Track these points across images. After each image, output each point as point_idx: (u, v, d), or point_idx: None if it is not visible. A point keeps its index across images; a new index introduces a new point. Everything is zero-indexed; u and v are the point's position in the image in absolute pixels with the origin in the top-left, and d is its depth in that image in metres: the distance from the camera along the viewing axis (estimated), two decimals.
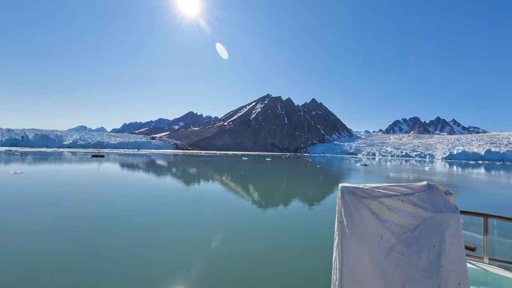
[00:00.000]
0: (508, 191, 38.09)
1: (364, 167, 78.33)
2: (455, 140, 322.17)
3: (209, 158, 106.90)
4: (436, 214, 1.72)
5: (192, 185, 27.90)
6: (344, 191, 1.74)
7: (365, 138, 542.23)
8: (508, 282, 3.89)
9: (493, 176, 61.81)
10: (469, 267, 4.16)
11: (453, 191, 10.76)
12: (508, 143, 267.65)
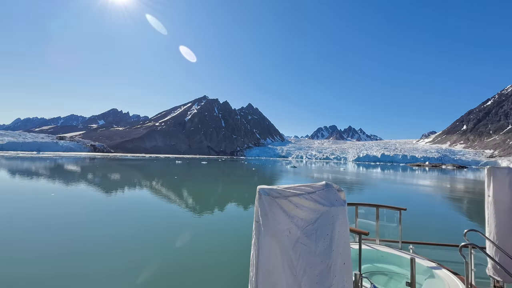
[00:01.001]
0: (393, 185, 49.16)
1: (293, 169, 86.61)
2: (361, 146, 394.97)
3: (136, 162, 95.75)
4: (330, 208, 2.02)
5: (112, 192, 24.50)
6: (261, 192, 1.89)
7: (294, 143, 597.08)
8: (391, 256, 5.06)
9: (385, 174, 78.99)
10: (365, 248, 5.21)
11: (358, 187, 13.24)
12: (395, 148, 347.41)
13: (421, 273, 4.63)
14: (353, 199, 29.74)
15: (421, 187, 47.79)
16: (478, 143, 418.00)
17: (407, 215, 17.55)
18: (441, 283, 4.00)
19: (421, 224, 17.12)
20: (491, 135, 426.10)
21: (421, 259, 4.81)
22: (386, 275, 4.86)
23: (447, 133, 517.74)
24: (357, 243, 3.57)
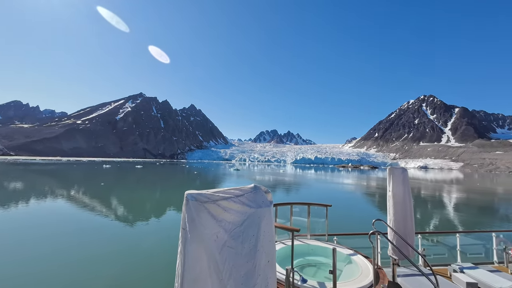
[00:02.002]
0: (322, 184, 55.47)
1: (237, 172, 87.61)
2: (299, 149, 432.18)
3: (47, 167, 79.01)
4: (257, 209, 2.07)
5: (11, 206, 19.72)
6: (188, 198, 1.87)
7: (238, 146, 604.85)
8: (319, 249, 5.63)
9: (317, 175, 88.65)
10: (297, 244, 5.66)
11: (295, 187, 14.25)
12: (326, 152, 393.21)
13: (342, 260, 5.35)
14: (289, 198, 32.19)
15: (343, 186, 55.74)
16: (385, 148, 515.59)
17: (333, 210, 19.95)
18: (356, 267, 4.72)
19: (343, 217, 19.99)
20: (394, 141, 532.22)
21: (342, 248, 5.57)
22: (315, 266, 5.41)
23: (364, 139, 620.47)
24: (291, 239, 3.83)
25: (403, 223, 5.18)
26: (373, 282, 3.97)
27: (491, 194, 49.17)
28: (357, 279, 4.16)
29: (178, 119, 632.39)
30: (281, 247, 5.49)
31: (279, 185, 48.71)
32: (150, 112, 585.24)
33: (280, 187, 45.86)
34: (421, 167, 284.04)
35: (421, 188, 56.31)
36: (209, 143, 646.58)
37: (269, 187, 43.50)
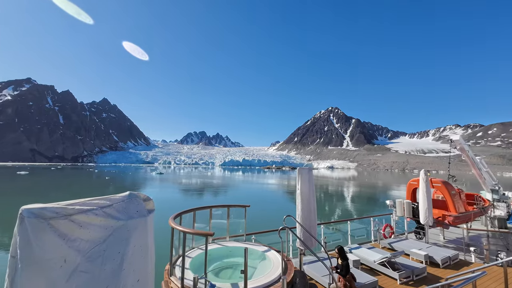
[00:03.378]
0: (246, 185, 58.03)
1: (160, 176, 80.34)
2: (227, 152, 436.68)
3: None
4: (126, 221, 1.80)
5: None
6: (24, 215, 1.47)
7: (162, 147, 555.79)
8: (237, 249, 5.70)
9: (244, 177, 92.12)
10: (215, 247, 5.60)
11: (223, 189, 14.01)
12: (253, 154, 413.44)
13: (257, 258, 5.64)
14: (210, 202, 31.95)
15: (265, 186, 60.11)
16: (302, 151, 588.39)
17: (252, 210, 20.88)
18: (269, 262, 5.08)
19: (263, 215, 21.42)
20: (309, 145, 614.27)
21: (257, 246, 5.89)
22: (231, 268, 5.49)
23: (286, 143, 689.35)
24: (205, 245, 3.70)
25: (308, 217, 5.91)
26: (281, 273, 4.33)
27: (373, 187, 63.54)
28: (269, 274, 4.44)
29: (85, 114, 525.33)
30: (198, 254, 5.30)
31: (205, 188, 47.66)
32: (43, 103, 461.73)
33: (206, 190, 44.98)
34: (329, 167, 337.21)
35: (328, 185, 66.96)
36: (126, 144, 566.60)
37: (194, 191, 41.88)
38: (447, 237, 9.64)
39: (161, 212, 6.04)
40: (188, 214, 5.66)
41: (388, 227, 9.74)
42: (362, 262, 6.92)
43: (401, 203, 9.82)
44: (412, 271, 6.21)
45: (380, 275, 6.38)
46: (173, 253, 4.55)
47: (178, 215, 5.02)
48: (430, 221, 8.41)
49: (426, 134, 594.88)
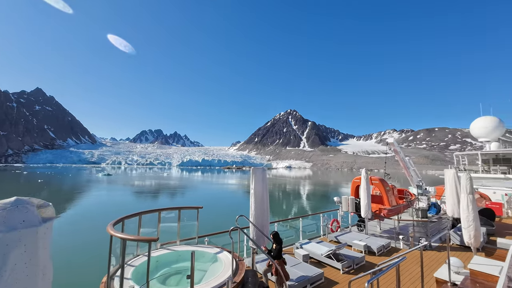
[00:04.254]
0: (205, 186, 56.75)
1: (107, 177, 72.44)
2: (185, 151, 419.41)
3: None
4: (5, 234, 1.54)
5: None
6: None
7: (111, 146, 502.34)
8: (187, 253, 5.45)
9: (204, 177, 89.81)
10: (164, 253, 5.29)
11: (178, 191, 13.11)
12: (213, 154, 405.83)
13: (208, 260, 5.50)
14: (160, 204, 30.22)
15: (223, 186, 59.81)
16: (263, 151, 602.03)
17: (206, 212, 20.51)
18: (220, 264, 5.00)
19: (218, 216, 21.24)
20: (269, 145, 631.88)
21: (210, 248, 5.75)
22: (180, 273, 5.24)
23: (247, 143, 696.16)
24: (148, 252, 3.42)
25: (261, 215, 6.02)
26: (231, 275, 4.29)
27: (325, 185, 68.68)
28: (219, 276, 4.35)
29: (11, 106, 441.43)
30: (143, 261, 4.90)
31: (159, 190, 44.83)
32: None
33: (160, 192, 42.38)
34: (287, 167, 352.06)
35: (286, 184, 69.91)
36: (66, 141, 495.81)
37: (146, 193, 39.03)
38: (383, 228, 10.95)
39: (104, 219, 5.40)
40: (134, 219, 5.20)
41: (335, 222, 10.59)
42: (311, 256, 7.35)
43: (346, 199, 10.79)
44: (353, 260, 6.85)
45: (326, 267, 6.87)
46: (112, 263, 4.11)
47: (120, 221, 4.56)
48: (369, 214, 9.43)
49: (370, 137, 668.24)
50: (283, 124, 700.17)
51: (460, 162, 27.64)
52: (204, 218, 6.77)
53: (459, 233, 8.22)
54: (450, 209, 8.66)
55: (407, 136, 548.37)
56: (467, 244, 7.18)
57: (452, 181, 8.60)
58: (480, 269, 4.73)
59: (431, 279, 5.79)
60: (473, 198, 6.94)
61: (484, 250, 8.00)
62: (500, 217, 13.33)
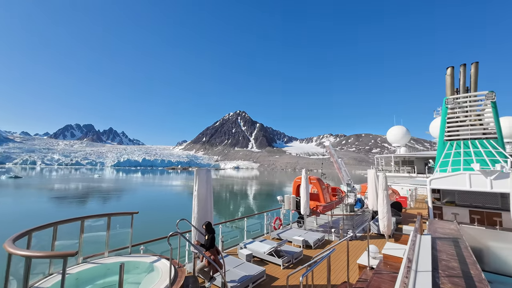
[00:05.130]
0: (145, 188, 52.15)
1: (15, 180, 58.43)
2: (123, 150, 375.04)
3: None
4: None
5: None
6: None
7: (20, 142, 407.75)
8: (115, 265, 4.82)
9: (144, 179, 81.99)
10: (87, 268, 4.58)
11: (113, 195, 11.32)
12: (156, 153, 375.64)
13: (144, 270, 5.00)
14: (91, 211, 26.27)
15: (166, 188, 56.02)
16: (210, 151, 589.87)
17: (145, 217, 19.02)
18: (157, 273, 4.60)
19: (156, 222, 19.69)
20: (217, 146, 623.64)
21: (146, 257, 5.24)
22: None
23: (194, 143, 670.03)
24: (81, 265, 2.86)
25: (204, 218, 5.82)
26: (168, 284, 3.99)
27: (271, 185, 71.92)
28: (155, 286, 4.00)
29: None
30: (58, 281, 4.11)
31: (87, 194, 38.72)
32: None
33: (88, 197, 36.66)
34: (235, 167, 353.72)
35: (234, 184, 70.15)
36: None
37: (68, 200, 33.22)
38: (319, 223, 12.07)
39: (4, 233, 4.30)
40: (47, 231, 4.32)
41: (278, 220, 11.12)
42: (254, 255, 7.51)
43: (288, 197, 11.49)
44: (292, 255, 7.30)
45: (268, 264, 7.12)
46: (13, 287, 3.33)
47: (25, 234, 3.72)
48: (308, 211, 10.25)
49: (311, 140, 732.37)
50: (232, 125, 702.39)
51: (379, 163, 32.90)
52: (141, 225, 6.16)
53: (377, 223, 9.68)
54: (371, 203, 10.14)
55: (340, 140, 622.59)
56: (382, 232, 8.54)
57: (372, 180, 10.09)
58: (390, 253, 5.66)
59: (355, 266, 6.64)
60: (387, 193, 8.31)
61: (394, 237, 9.65)
62: (405, 208, 16.34)
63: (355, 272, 6.37)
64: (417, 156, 29.74)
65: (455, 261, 4.18)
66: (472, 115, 15.14)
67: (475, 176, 10.16)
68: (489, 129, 14.21)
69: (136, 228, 5.78)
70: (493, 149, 13.24)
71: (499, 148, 13.64)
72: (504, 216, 10.79)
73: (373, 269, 5.43)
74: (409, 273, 2.75)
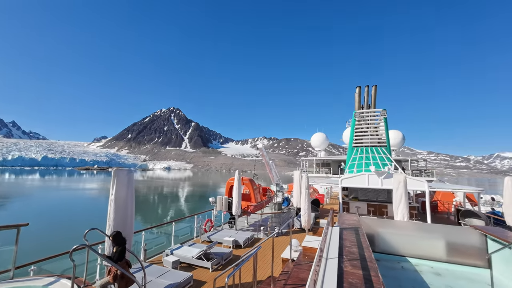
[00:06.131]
0: (41, 194, 42.44)
1: None
2: (12, 145, 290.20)
3: None
4: None
5: None
6: None
7: None
8: None
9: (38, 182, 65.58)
10: None
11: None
12: (63, 150, 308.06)
13: None
14: None
15: (74, 192, 46.75)
16: (137, 150, 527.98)
17: (39, 230, 15.56)
18: None
19: (56, 236, 16.24)
20: (146, 144, 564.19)
21: (38, 280, 4.20)
22: None
23: (116, 139, 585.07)
24: None
25: (122, 225, 5.12)
26: None
27: (205, 186, 70.17)
28: None
29: None
30: None
31: None
32: None
33: None
34: (165, 168, 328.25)
35: (164, 186, 64.79)
36: None
37: None
38: (250, 222, 12.51)
39: None
40: None
41: (209, 222, 10.92)
42: (182, 261, 7.12)
43: (221, 199, 11.45)
44: (221, 257, 7.28)
45: (197, 269, 6.87)
46: None
47: None
48: (239, 211, 10.47)
49: (247, 142, 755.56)
50: (164, 122, 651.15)
51: (304, 165, 36.85)
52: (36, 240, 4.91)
53: (300, 219, 10.78)
54: (296, 201, 11.21)
55: (273, 143, 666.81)
56: (303, 227, 9.56)
57: (297, 180, 11.18)
58: (309, 245, 6.37)
59: (279, 260, 7.17)
60: (308, 192, 9.36)
61: (313, 230, 10.93)
62: (322, 204, 18.83)
63: (280, 266, 6.87)
64: (333, 159, 34.82)
65: (355, 247, 5.05)
66: (371, 127, 18.92)
67: (372, 176, 12.62)
68: (382, 139, 18.05)
69: (27, 244, 4.56)
70: (384, 155, 16.81)
71: (387, 154, 17.47)
72: (389, 207, 13.85)
73: (294, 261, 5.98)
74: (321, 261, 3.15)
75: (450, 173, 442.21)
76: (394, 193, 9.15)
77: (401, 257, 7.57)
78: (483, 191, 15.67)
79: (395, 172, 11.07)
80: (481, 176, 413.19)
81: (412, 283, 6.17)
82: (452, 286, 6.04)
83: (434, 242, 7.32)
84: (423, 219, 12.66)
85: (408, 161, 28.80)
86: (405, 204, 8.85)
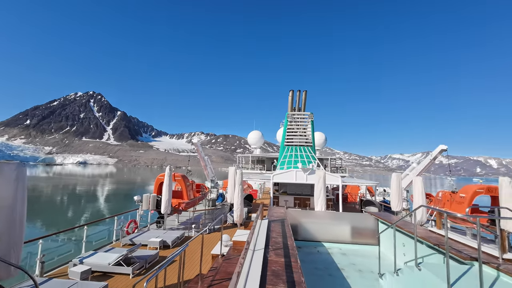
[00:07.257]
0: None
1: None
2: None
3: None
4: None
5: None
6: None
7: None
8: None
9: None
10: None
11: None
12: None
13: None
14: None
15: None
16: (39, 140, 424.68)
17: None
18: None
19: None
20: (52, 133, 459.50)
21: None
22: None
23: (7, 125, 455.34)
24: None
25: (7, 233, 4.01)
26: None
27: (131, 183, 62.76)
28: None
29: None
30: None
31: None
32: None
33: None
34: (80, 163, 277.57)
35: (76, 185, 54.35)
36: None
37: None
38: (180, 221, 11.91)
39: None
40: None
41: (132, 223, 9.82)
42: (95, 270, 6.16)
43: (148, 197, 10.47)
44: (145, 260, 6.66)
45: (114, 277, 6.07)
46: None
47: None
48: (169, 209, 9.82)
49: (183, 136, 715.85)
50: (81, 108, 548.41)
51: (240, 162, 37.68)
52: None
53: (232, 214, 10.95)
54: (230, 197, 11.32)
55: (211, 138, 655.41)
56: (236, 222, 9.76)
57: (232, 176, 11.32)
58: (239, 239, 6.54)
59: (209, 257, 7.10)
60: (241, 187, 9.59)
61: (244, 224, 11.30)
62: (255, 199, 19.71)
63: (210, 263, 6.80)
64: (267, 157, 36.90)
65: (280, 237, 5.46)
66: (301, 128, 20.98)
67: (299, 172, 13.97)
68: (308, 139, 20.23)
69: None
70: (309, 154, 18.90)
71: (313, 153, 19.74)
72: (312, 200, 15.69)
73: (224, 256, 6.02)
74: (246, 253, 3.26)
75: (358, 170, 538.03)
76: (315, 187, 10.38)
77: (317, 242, 8.70)
78: (379, 184, 19.70)
79: (317, 169, 12.59)
80: (379, 173, 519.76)
81: (324, 264, 7.17)
82: (354, 262, 7.34)
83: (342, 227, 8.73)
84: (336, 209, 14.91)
85: (329, 159, 33.30)
86: (323, 197, 10.20)
